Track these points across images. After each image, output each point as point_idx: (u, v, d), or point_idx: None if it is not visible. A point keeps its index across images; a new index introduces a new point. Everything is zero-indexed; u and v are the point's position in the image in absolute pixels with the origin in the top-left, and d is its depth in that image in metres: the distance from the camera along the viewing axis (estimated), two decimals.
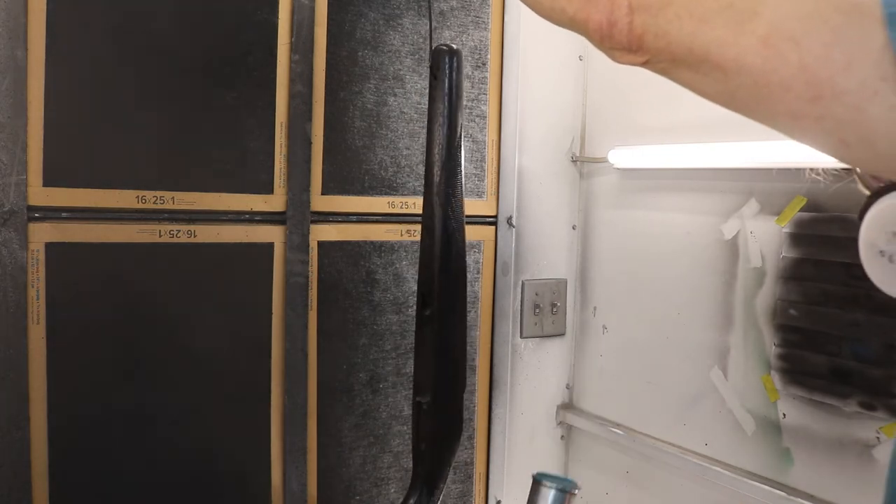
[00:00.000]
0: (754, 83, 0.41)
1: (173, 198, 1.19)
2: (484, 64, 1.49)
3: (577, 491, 0.85)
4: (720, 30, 0.41)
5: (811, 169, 0.98)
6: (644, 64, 0.46)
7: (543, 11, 0.51)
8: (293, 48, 1.26)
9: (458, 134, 0.84)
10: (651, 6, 0.44)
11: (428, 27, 1.40)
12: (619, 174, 1.48)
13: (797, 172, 1.13)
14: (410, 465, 1.45)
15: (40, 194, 1.09)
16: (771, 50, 0.39)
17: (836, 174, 0.93)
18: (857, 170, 0.56)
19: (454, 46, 0.81)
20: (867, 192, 0.54)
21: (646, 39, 0.45)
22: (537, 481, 0.83)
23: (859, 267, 0.53)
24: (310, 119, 1.29)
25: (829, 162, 1.03)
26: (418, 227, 1.10)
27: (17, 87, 1.05)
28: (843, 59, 0.37)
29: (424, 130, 1.38)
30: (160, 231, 1.18)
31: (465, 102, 1.46)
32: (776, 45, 0.39)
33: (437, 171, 0.82)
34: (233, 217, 1.24)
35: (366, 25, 1.35)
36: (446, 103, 0.82)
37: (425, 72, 1.40)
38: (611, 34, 0.46)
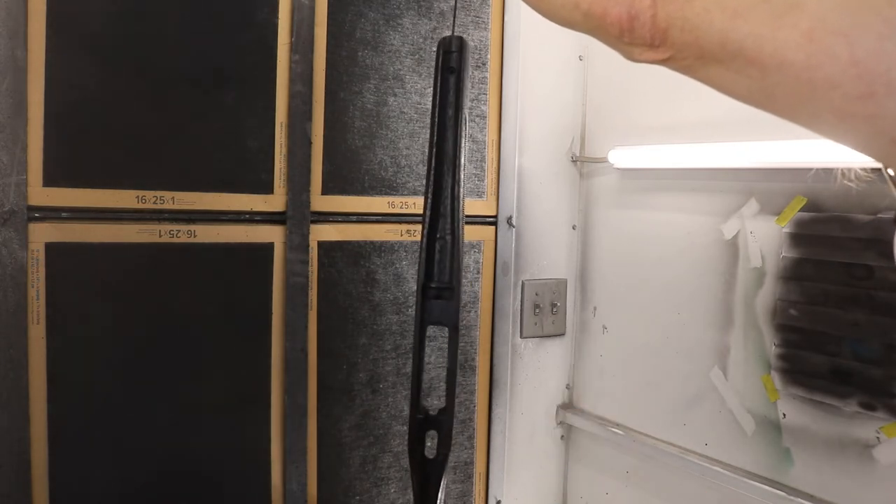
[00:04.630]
0: (796, 80, 0.37)
1: (173, 198, 1.19)
2: (484, 64, 1.49)
3: None
4: (756, 23, 0.38)
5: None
6: (666, 61, 0.43)
7: (550, 10, 0.46)
8: (293, 48, 1.26)
9: (464, 128, 0.83)
10: None
11: (436, 24, 1.39)
12: (619, 174, 1.48)
13: (797, 172, 1.14)
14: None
15: (40, 194, 1.09)
16: (816, 45, 0.36)
17: (867, 175, 0.92)
18: (890, 171, 0.53)
19: (460, 36, 0.81)
20: None
21: (671, 34, 0.41)
22: None
23: (859, 267, 0.53)
24: (310, 119, 1.29)
25: (843, 162, 1.02)
26: (418, 227, 1.09)
27: (17, 87, 1.05)
28: None
29: (424, 130, 1.38)
30: (160, 231, 1.18)
31: (464, 102, 1.45)
32: (822, 40, 0.36)
33: (437, 166, 0.82)
34: (233, 217, 1.24)
35: (366, 25, 1.35)
36: (451, 96, 0.82)
37: (425, 72, 1.40)
38: (631, 28, 0.42)
